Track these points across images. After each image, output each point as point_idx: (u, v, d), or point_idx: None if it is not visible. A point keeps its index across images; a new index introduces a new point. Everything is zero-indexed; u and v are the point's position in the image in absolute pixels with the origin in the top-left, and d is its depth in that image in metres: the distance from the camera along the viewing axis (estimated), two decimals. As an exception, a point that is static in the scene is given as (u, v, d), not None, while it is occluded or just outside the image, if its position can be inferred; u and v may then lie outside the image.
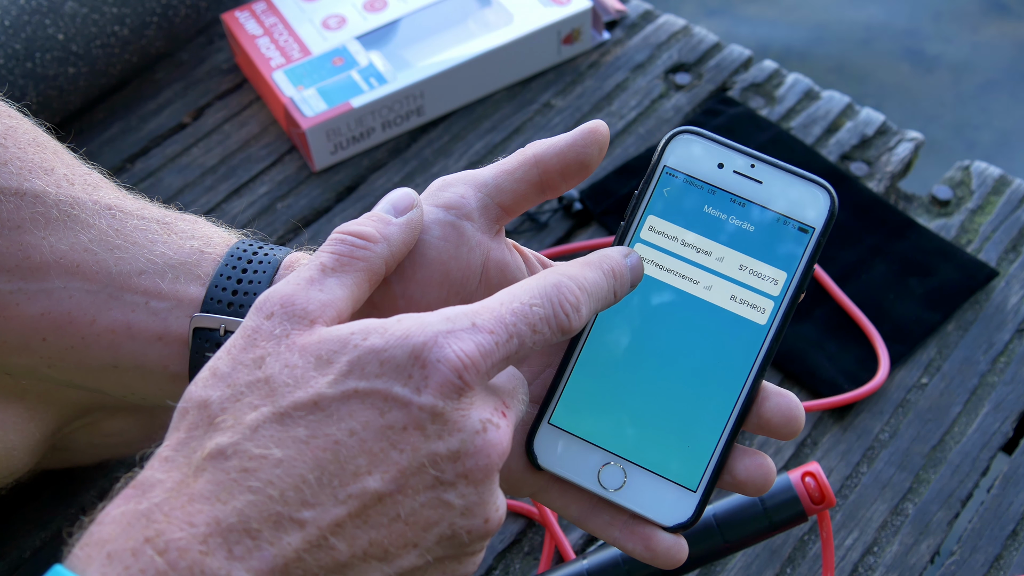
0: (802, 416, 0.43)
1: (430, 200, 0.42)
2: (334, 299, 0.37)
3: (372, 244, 0.38)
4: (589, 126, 0.43)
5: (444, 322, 0.35)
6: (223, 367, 0.35)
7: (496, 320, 0.35)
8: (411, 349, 0.34)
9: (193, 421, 0.34)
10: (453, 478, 0.34)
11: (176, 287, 0.45)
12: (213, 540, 0.31)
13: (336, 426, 0.33)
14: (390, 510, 0.33)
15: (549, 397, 0.43)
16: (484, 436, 0.34)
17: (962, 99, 1.64)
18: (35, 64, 0.79)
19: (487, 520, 0.35)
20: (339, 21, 0.88)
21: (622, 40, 0.93)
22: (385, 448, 0.33)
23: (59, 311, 0.44)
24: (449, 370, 0.34)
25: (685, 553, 0.42)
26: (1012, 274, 0.76)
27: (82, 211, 0.45)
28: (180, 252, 0.45)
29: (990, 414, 0.69)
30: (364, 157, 0.85)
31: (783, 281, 0.43)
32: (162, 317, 0.44)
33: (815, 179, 0.43)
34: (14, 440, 0.51)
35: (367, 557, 0.33)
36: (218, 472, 0.32)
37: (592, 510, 0.43)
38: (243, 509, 0.32)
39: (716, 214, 0.43)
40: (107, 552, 0.31)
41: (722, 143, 0.44)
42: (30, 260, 0.44)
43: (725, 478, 0.42)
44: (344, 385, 0.34)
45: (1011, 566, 0.62)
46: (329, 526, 0.32)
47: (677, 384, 0.42)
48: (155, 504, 0.32)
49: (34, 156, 0.46)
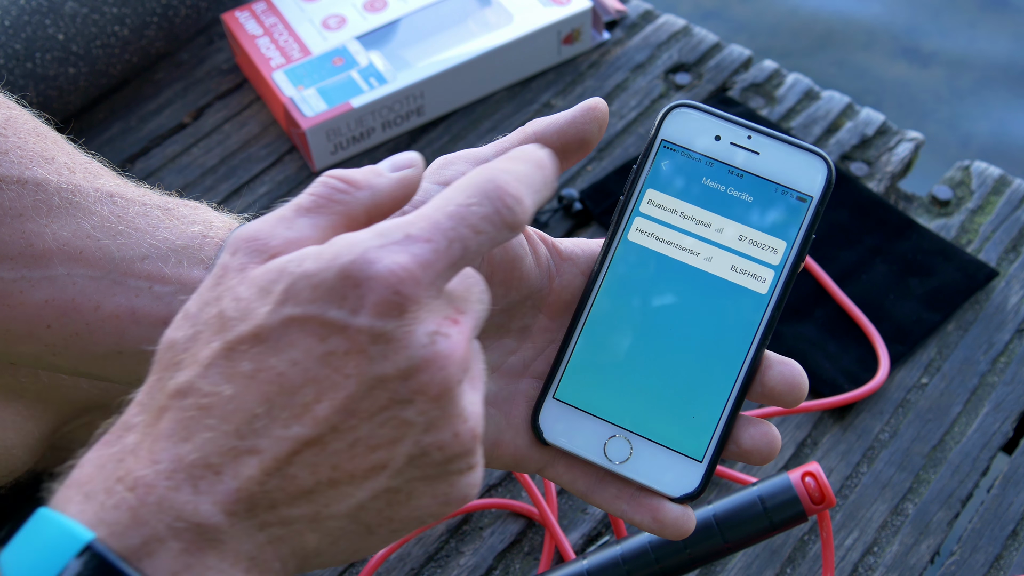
0: (805, 383, 0.42)
1: (432, 178, 0.42)
2: (300, 237, 0.36)
3: (354, 190, 0.37)
4: (589, 103, 0.43)
5: (375, 237, 0.33)
6: (192, 307, 0.35)
7: (432, 227, 0.34)
8: (340, 269, 0.33)
9: (162, 362, 0.35)
10: (408, 395, 0.33)
11: (179, 271, 0.45)
12: (177, 475, 0.32)
13: (277, 357, 0.33)
14: (347, 435, 0.33)
15: (553, 372, 0.43)
16: (433, 348, 0.33)
17: (961, 96, 1.64)
18: (35, 64, 0.79)
19: (456, 434, 0.34)
20: (339, 21, 0.88)
21: (622, 40, 0.93)
22: (329, 375, 0.33)
23: (63, 298, 0.44)
24: (384, 287, 0.32)
25: (693, 523, 0.42)
26: (1012, 274, 0.76)
27: (84, 198, 0.45)
28: (182, 237, 0.45)
29: (990, 414, 0.69)
30: (364, 157, 0.85)
31: (783, 250, 0.43)
32: (166, 301, 0.44)
33: (812, 148, 0.43)
34: (13, 439, 0.51)
35: (334, 483, 0.33)
36: (178, 411, 0.33)
37: (599, 484, 0.43)
38: (202, 445, 0.32)
39: (714, 186, 0.43)
40: (84, 492, 0.32)
41: (718, 115, 0.44)
42: (33, 248, 0.44)
43: (731, 447, 0.42)
44: (280, 313, 0.33)
45: (1011, 566, 0.62)
46: (286, 455, 0.32)
47: (680, 355, 0.43)
48: (125, 446, 0.33)
49: (34, 145, 0.46)
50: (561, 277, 0.44)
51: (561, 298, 0.44)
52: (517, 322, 0.44)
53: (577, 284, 0.44)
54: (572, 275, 0.44)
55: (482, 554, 0.63)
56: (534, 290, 0.44)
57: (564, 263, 0.44)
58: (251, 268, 0.35)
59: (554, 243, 0.45)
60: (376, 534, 0.35)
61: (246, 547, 0.33)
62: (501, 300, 0.43)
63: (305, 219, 0.36)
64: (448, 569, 0.63)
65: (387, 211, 0.39)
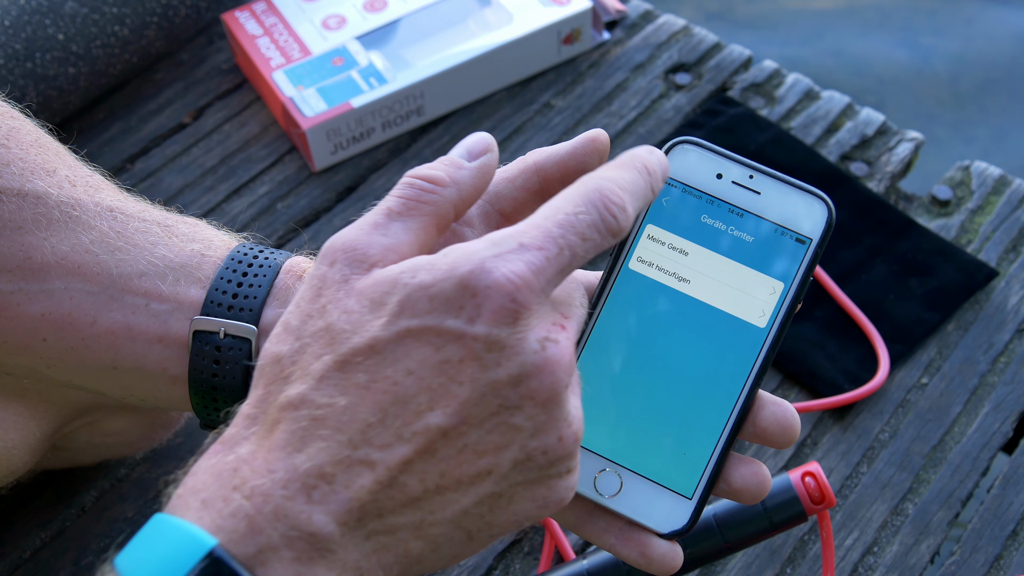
0: (797, 426, 0.43)
1: None
2: (397, 243, 0.36)
3: (440, 188, 0.38)
4: (590, 135, 0.43)
5: (490, 247, 0.34)
6: (293, 320, 0.36)
7: (544, 235, 0.35)
8: (459, 280, 0.33)
9: (269, 376, 0.35)
10: (518, 401, 0.34)
11: (177, 289, 0.45)
12: (292, 485, 0.32)
13: (393, 368, 0.33)
14: (456, 442, 0.33)
15: None
16: (544, 355, 0.34)
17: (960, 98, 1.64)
18: (35, 64, 0.79)
19: (560, 438, 0.35)
20: (339, 21, 0.88)
21: (622, 40, 0.93)
22: (444, 383, 0.33)
23: (59, 312, 0.44)
24: (501, 295, 0.33)
25: (680, 561, 0.42)
26: (1012, 274, 0.76)
27: (84, 212, 0.45)
28: (181, 255, 0.45)
29: (990, 414, 0.69)
30: (364, 157, 0.85)
31: (780, 291, 0.43)
32: (162, 319, 0.44)
33: (813, 191, 0.43)
34: (14, 439, 0.51)
35: (441, 489, 0.34)
36: (291, 422, 0.33)
37: (588, 516, 0.43)
38: (316, 455, 0.33)
39: (714, 224, 0.43)
40: (201, 499, 0.33)
41: (721, 153, 0.44)
42: (31, 261, 0.44)
43: (721, 486, 0.43)
44: (396, 325, 0.34)
45: (1011, 566, 0.62)
46: (398, 465, 0.33)
47: (674, 392, 0.43)
48: (240, 456, 0.34)
49: (36, 157, 0.46)
50: None
51: None
52: None
53: None
54: None
55: (482, 554, 0.63)
56: None
57: None
58: (355, 279, 0.35)
59: None
60: (476, 539, 0.36)
61: (353, 556, 0.33)
62: None
63: (398, 223, 0.37)
64: (448, 569, 0.63)
65: (471, 201, 0.40)
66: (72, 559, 0.62)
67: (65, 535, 0.64)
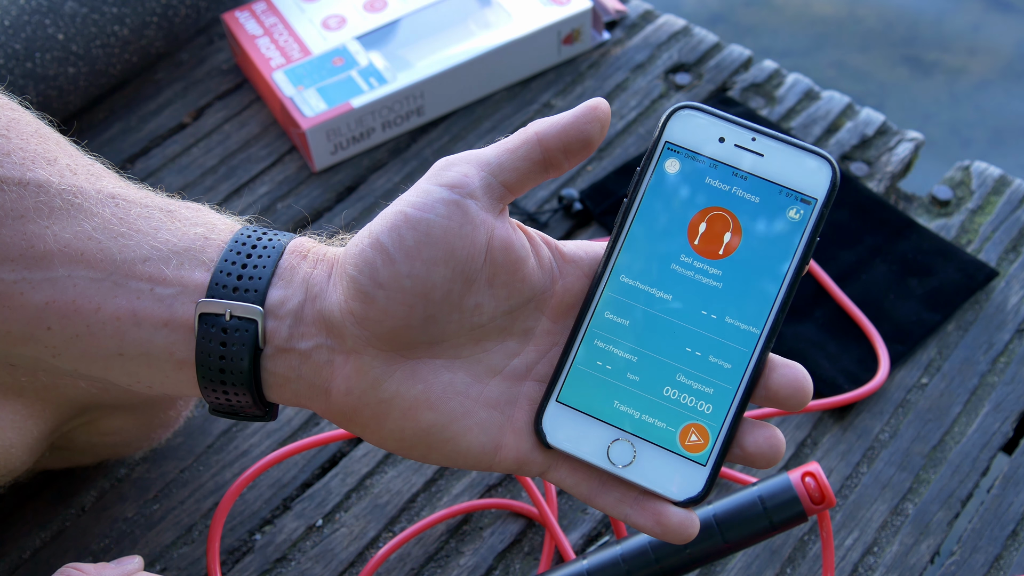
0: (810, 387, 0.42)
1: (434, 179, 0.43)
2: None
3: None
4: (591, 103, 0.43)
5: None
6: None
7: None
8: None
9: None
10: None
11: (181, 273, 0.45)
12: None
13: None
14: None
15: (556, 375, 0.43)
16: None
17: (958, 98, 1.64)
18: (35, 64, 0.79)
19: None
20: (339, 21, 0.88)
21: (622, 40, 0.93)
22: None
23: (64, 299, 0.44)
24: None
25: (696, 528, 0.42)
26: (1012, 274, 0.76)
27: (85, 200, 0.45)
28: (184, 239, 0.45)
29: (990, 414, 0.69)
30: (364, 157, 0.85)
31: (787, 253, 0.43)
32: (167, 303, 0.44)
33: (816, 150, 0.43)
34: (12, 438, 0.51)
35: None
36: None
37: (602, 487, 0.43)
38: None
39: (719, 187, 0.43)
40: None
41: (722, 117, 0.44)
42: (34, 249, 0.44)
43: (735, 451, 0.42)
44: None
45: (1011, 566, 0.62)
46: None
47: (684, 358, 0.42)
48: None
49: (37, 147, 0.46)
50: (564, 279, 0.44)
51: (564, 301, 0.44)
52: (520, 325, 0.44)
53: (580, 287, 0.44)
54: (575, 277, 0.44)
55: (482, 554, 0.63)
56: (537, 293, 0.44)
57: (567, 265, 0.44)
58: None
59: (557, 245, 0.45)
60: None
61: None
62: (504, 303, 0.43)
63: None
64: (448, 569, 0.63)
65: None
66: (72, 559, 0.62)
67: (65, 535, 0.64)
